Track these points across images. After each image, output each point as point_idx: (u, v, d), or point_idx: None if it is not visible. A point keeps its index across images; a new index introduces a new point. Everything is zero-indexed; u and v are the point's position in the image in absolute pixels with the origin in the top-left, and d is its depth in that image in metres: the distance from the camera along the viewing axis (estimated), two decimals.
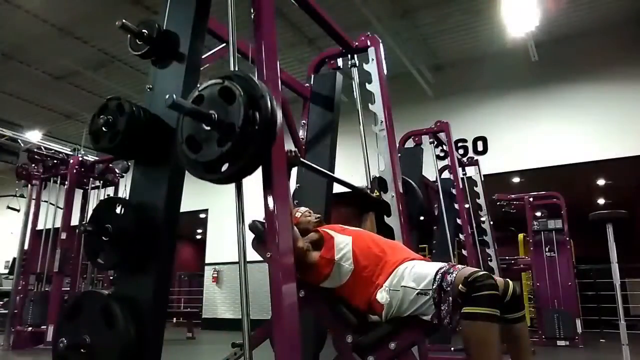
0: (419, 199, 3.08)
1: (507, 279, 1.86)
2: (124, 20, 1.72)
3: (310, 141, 3.19)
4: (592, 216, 3.14)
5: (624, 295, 6.42)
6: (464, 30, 7.47)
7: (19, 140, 7.27)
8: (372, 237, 2.18)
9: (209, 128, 1.40)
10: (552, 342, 6.12)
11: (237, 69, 1.57)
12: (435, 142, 5.19)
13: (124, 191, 6.21)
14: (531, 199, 6.88)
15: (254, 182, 1.83)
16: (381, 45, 3.19)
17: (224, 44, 2.69)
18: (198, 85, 1.48)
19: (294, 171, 3.17)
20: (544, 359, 5.05)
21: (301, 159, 2.14)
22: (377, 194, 2.66)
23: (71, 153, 6.61)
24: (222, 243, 9.56)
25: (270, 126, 1.39)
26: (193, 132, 1.44)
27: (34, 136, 8.31)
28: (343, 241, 2.06)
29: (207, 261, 10.15)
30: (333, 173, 3.11)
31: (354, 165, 2.61)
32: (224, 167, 1.40)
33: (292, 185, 2.65)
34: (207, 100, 1.42)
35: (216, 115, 1.38)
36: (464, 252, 5.02)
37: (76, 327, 1.53)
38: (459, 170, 5.51)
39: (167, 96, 1.32)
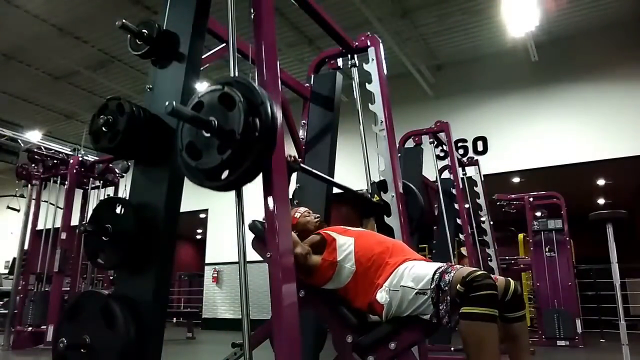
0: (419, 202, 3.07)
1: (509, 278, 1.86)
2: (124, 20, 1.72)
3: (310, 141, 3.19)
4: (592, 216, 3.14)
5: (624, 295, 6.41)
6: (464, 30, 7.47)
7: (19, 140, 7.24)
8: (374, 237, 2.17)
9: (209, 135, 1.39)
10: (552, 342, 6.12)
11: (237, 74, 1.56)
12: (435, 142, 5.19)
13: (124, 191, 6.20)
14: (531, 199, 6.88)
15: (253, 183, 1.83)
16: (381, 45, 3.18)
17: (224, 44, 2.70)
18: (198, 92, 1.47)
19: (294, 174, 3.18)
20: (544, 359, 5.05)
21: (301, 165, 2.13)
22: (377, 198, 2.69)
23: (71, 153, 6.60)
24: (222, 243, 9.56)
25: (270, 133, 1.37)
26: (193, 139, 1.42)
27: (34, 136, 8.29)
28: (345, 243, 2.06)
29: (207, 261, 10.15)
30: (333, 173, 3.12)
31: (354, 165, 2.64)
32: (224, 175, 1.38)
33: (292, 188, 2.68)
34: (207, 106, 1.41)
35: (216, 122, 1.36)
36: (464, 252, 5.02)
37: (76, 327, 1.53)
38: (459, 170, 5.51)
39: (166, 103, 1.30)
